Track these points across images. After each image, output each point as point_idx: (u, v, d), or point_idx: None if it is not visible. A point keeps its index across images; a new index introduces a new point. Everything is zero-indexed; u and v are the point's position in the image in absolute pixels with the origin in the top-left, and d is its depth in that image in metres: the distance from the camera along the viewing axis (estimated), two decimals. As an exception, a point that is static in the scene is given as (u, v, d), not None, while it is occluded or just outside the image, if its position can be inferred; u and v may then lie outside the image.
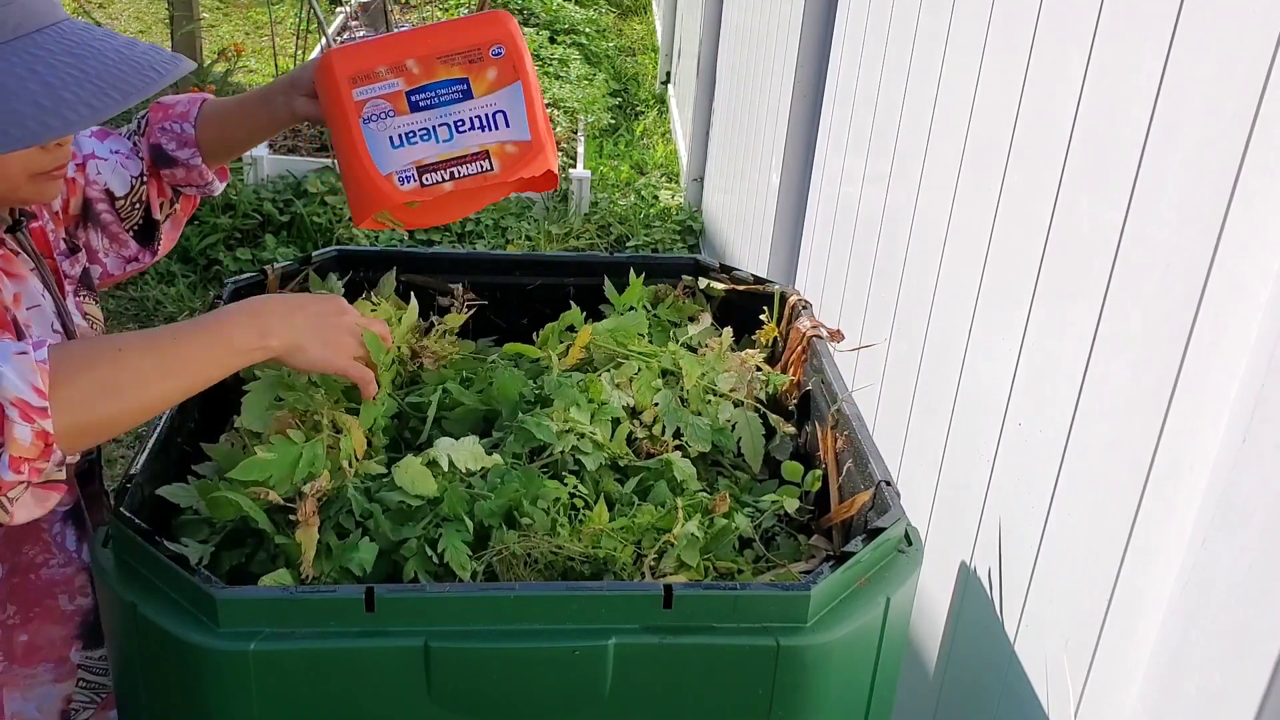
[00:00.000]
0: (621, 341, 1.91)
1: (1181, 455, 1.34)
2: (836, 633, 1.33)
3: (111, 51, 1.25)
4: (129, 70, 1.24)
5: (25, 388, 1.11)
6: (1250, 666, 1.16)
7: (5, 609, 1.46)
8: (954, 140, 2.12)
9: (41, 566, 1.48)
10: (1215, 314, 1.29)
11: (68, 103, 1.18)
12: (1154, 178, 1.45)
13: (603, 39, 8.24)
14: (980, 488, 1.91)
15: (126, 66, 1.24)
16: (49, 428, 1.12)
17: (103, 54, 1.23)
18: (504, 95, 1.66)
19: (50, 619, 1.50)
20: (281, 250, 4.78)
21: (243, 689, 1.26)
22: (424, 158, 1.65)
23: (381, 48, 1.65)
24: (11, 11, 1.21)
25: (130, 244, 1.69)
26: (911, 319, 2.32)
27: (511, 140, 1.67)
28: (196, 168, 1.69)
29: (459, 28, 1.67)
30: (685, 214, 5.64)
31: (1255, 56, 1.25)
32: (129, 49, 1.26)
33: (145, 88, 1.23)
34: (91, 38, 1.26)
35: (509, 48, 1.66)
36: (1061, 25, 1.73)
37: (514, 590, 1.29)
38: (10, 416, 1.10)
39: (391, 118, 1.63)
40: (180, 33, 5.16)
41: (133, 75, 1.23)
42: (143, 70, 1.25)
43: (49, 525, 1.48)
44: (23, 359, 1.12)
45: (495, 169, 1.68)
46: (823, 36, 3.22)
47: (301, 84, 1.66)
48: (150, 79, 1.24)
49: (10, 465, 1.12)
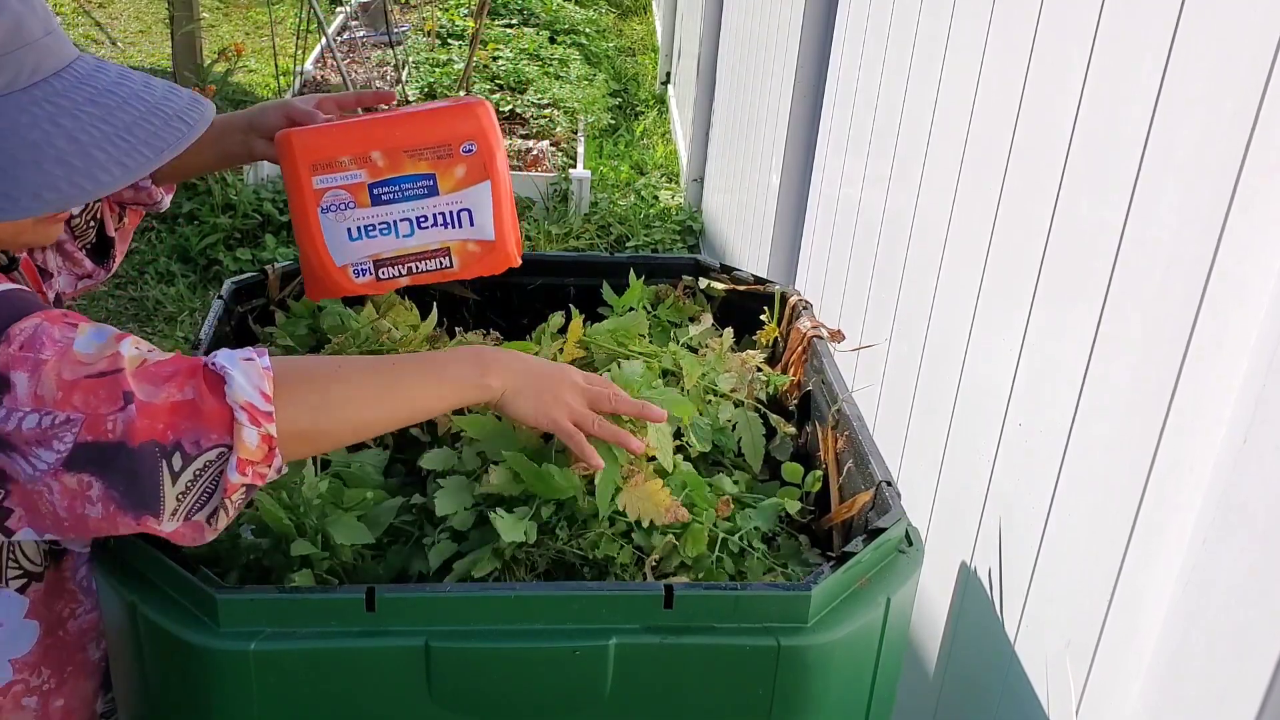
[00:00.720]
0: (622, 342, 1.91)
1: (1182, 456, 1.34)
2: (837, 633, 1.33)
3: (135, 99, 1.19)
4: (158, 122, 1.19)
5: (254, 392, 1.13)
6: (1251, 668, 1.16)
7: (40, 674, 1.39)
8: (954, 142, 2.12)
9: (69, 619, 1.42)
10: (1216, 315, 1.29)
11: (99, 163, 1.14)
12: (1154, 178, 1.45)
13: (603, 39, 8.25)
14: (980, 488, 1.91)
15: (155, 118, 1.19)
16: (273, 432, 1.14)
17: (127, 102, 1.19)
18: (471, 193, 1.60)
19: (82, 674, 1.44)
20: (281, 250, 4.78)
21: (243, 689, 1.26)
22: (382, 252, 1.60)
23: (347, 135, 1.58)
24: (28, 55, 1.15)
25: (85, 262, 1.64)
26: (911, 320, 2.32)
27: (474, 239, 1.63)
28: (146, 189, 1.67)
29: (432, 120, 1.60)
30: (685, 214, 5.64)
31: (1255, 56, 1.25)
32: (148, 92, 1.21)
33: (177, 142, 1.19)
34: (110, 81, 1.20)
35: (481, 145, 1.59)
36: (1062, 26, 1.73)
37: (514, 590, 1.29)
38: (240, 420, 1.12)
39: (351, 209, 1.58)
40: (180, 33, 5.16)
41: (163, 128, 1.19)
42: (170, 121, 1.20)
43: (73, 572, 1.42)
44: (250, 365, 1.14)
45: (455, 266, 1.64)
46: (823, 38, 3.22)
47: (261, 128, 1.62)
48: (180, 131, 1.20)
49: (238, 467, 1.13)
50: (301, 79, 6.13)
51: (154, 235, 4.95)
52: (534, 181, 5.34)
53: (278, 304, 2.06)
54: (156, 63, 7.19)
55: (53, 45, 1.18)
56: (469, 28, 7.05)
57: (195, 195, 5.08)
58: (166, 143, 1.18)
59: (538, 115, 6.16)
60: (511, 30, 7.53)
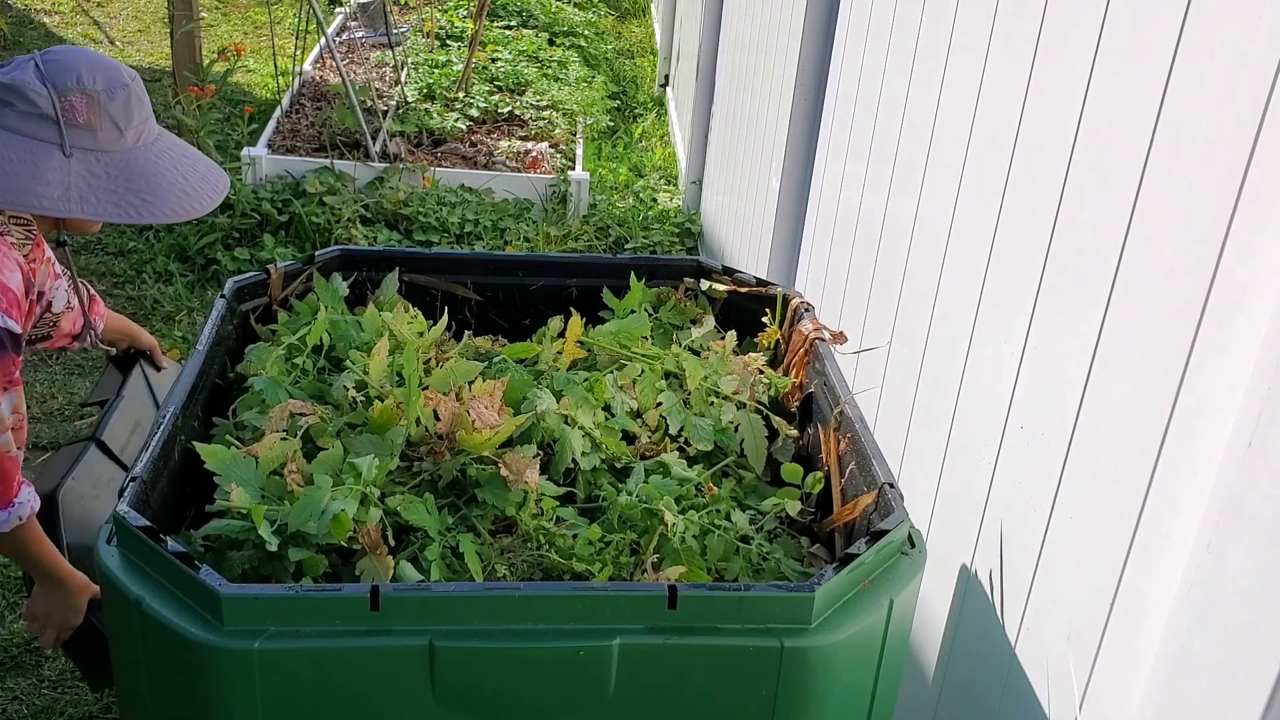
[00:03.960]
0: (625, 344, 1.92)
1: (1186, 458, 1.35)
2: (840, 634, 1.34)
3: (200, 162, 1.91)
4: (213, 175, 1.90)
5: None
6: (1255, 671, 1.16)
7: None
8: (956, 146, 2.12)
9: None
10: (1220, 318, 1.30)
11: (199, 194, 1.85)
12: (1158, 183, 1.45)
13: (602, 41, 8.24)
14: (981, 491, 1.91)
15: (210, 169, 1.90)
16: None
17: (196, 161, 1.90)
18: None
19: None
20: (279, 250, 4.77)
21: (247, 687, 1.26)
22: None
23: None
24: (151, 123, 1.87)
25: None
26: (912, 323, 2.32)
27: None
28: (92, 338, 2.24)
29: None
30: (684, 217, 5.64)
31: (1261, 62, 1.25)
32: (198, 154, 1.93)
33: (225, 189, 1.91)
34: (181, 145, 1.92)
35: None
36: (1065, 31, 1.73)
37: (519, 590, 1.29)
38: None
39: None
40: (180, 32, 5.15)
41: (216, 179, 1.90)
42: (217, 172, 1.91)
43: None
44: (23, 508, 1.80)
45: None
46: (824, 42, 3.22)
47: None
48: (223, 185, 1.91)
49: None
50: (300, 79, 6.13)
51: (152, 235, 4.94)
52: (533, 183, 5.34)
53: (280, 303, 2.05)
54: (155, 62, 7.18)
55: (153, 123, 1.88)
56: (468, 29, 7.05)
57: (194, 195, 5.07)
58: (218, 189, 1.89)
59: (536, 117, 6.16)
60: (510, 32, 7.53)
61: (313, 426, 1.68)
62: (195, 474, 1.61)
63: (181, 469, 1.65)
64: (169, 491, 1.60)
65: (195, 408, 1.75)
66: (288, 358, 1.86)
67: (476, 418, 1.64)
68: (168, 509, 1.59)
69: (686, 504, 1.67)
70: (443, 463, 1.65)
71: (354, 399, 1.76)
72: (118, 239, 4.91)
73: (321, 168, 5.14)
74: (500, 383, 1.73)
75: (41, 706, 2.68)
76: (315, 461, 1.57)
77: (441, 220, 5.04)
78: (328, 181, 5.06)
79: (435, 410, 1.67)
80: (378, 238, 4.87)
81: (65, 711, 2.67)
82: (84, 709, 2.68)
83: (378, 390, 1.76)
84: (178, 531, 1.59)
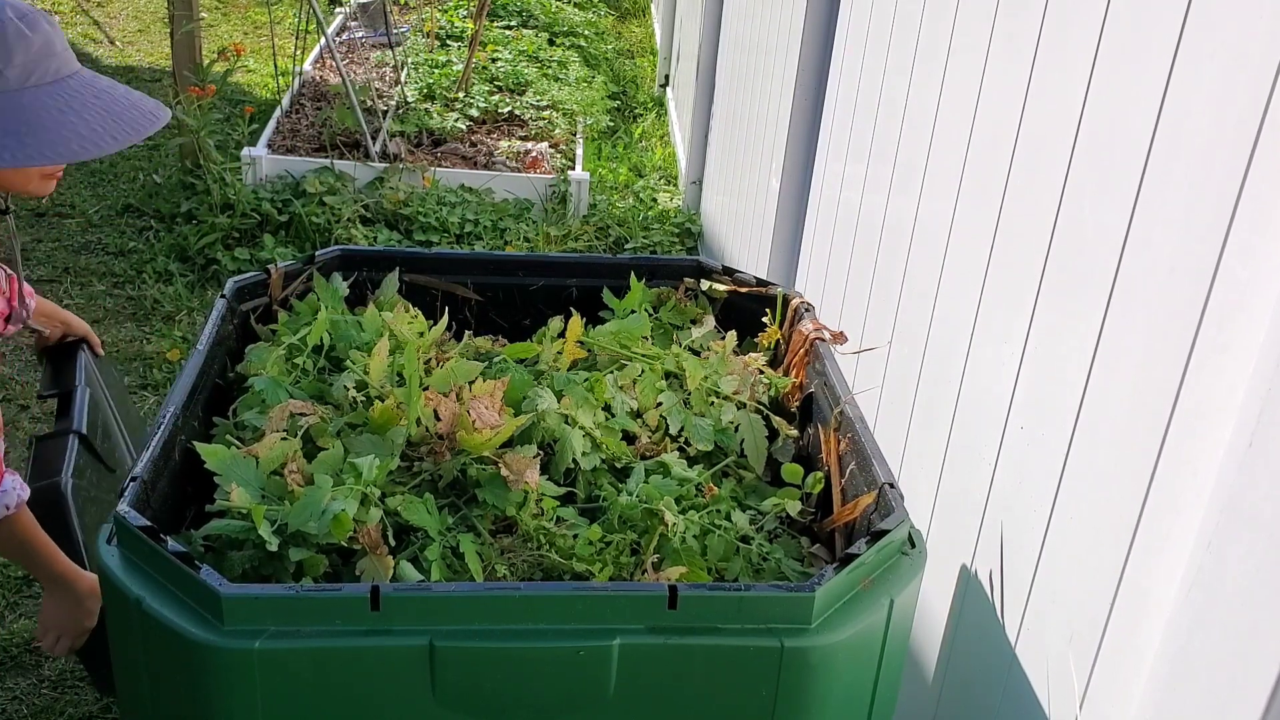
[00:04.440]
0: (625, 344, 1.92)
1: (1186, 459, 1.35)
2: (840, 634, 1.34)
3: (122, 98, 1.72)
4: (136, 114, 1.72)
5: None
6: (1255, 672, 1.16)
7: None
8: (956, 146, 2.12)
9: None
10: (1220, 318, 1.30)
11: (99, 135, 1.66)
12: (1158, 183, 1.45)
13: (602, 41, 8.25)
14: (982, 491, 1.91)
15: (134, 110, 1.72)
16: None
17: (115, 100, 1.71)
18: None
19: None
20: (279, 250, 4.77)
21: (247, 687, 1.26)
22: None
23: None
24: (52, 62, 1.68)
25: None
26: (912, 323, 2.32)
27: None
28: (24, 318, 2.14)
29: None
30: (684, 217, 5.64)
31: (1261, 62, 1.25)
32: (127, 95, 1.74)
33: (149, 128, 1.72)
34: (103, 85, 1.73)
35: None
36: (1065, 31, 1.73)
37: (519, 590, 1.29)
38: None
39: None
40: (180, 32, 5.15)
41: (139, 119, 1.71)
42: (145, 115, 1.73)
43: None
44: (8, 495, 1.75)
45: None
46: (824, 42, 3.22)
47: None
48: (152, 119, 1.73)
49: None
50: (300, 79, 6.13)
51: (152, 235, 4.94)
52: (532, 183, 5.34)
53: (280, 303, 2.05)
54: (155, 62, 7.18)
55: (67, 57, 1.71)
56: (468, 29, 7.05)
57: (194, 195, 5.07)
58: (141, 127, 1.71)
59: (536, 117, 6.16)
60: (511, 32, 7.53)
61: (313, 426, 1.68)
62: (195, 474, 1.61)
63: (181, 469, 1.65)
64: (169, 491, 1.60)
65: (195, 408, 1.75)
66: (288, 358, 1.86)
67: (477, 418, 1.64)
68: (168, 509, 1.59)
69: (687, 504, 1.67)
70: (443, 463, 1.65)
71: (354, 399, 1.77)
72: (118, 239, 4.91)
73: (321, 168, 5.14)
74: (500, 383, 1.73)
75: (41, 706, 2.68)
76: (315, 461, 1.57)
77: (441, 220, 5.05)
78: (328, 181, 5.06)
79: (436, 410, 1.67)
80: (378, 238, 4.87)
81: (65, 711, 2.67)
82: (84, 709, 2.68)
83: (378, 390, 1.76)
84: (178, 531, 1.59)
